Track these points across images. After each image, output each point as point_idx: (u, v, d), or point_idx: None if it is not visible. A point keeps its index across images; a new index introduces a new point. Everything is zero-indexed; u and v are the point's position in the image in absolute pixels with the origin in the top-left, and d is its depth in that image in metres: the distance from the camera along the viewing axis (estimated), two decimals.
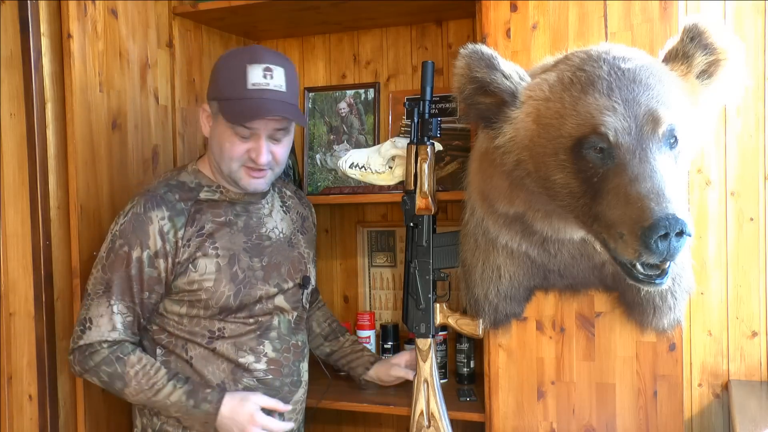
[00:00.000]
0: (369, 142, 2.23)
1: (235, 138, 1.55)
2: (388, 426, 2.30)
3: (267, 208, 1.71)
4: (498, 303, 1.68)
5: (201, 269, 1.56)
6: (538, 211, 1.49)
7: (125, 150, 1.91)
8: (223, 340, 1.59)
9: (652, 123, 1.25)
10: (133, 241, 1.53)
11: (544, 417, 1.70)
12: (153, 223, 1.53)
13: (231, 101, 1.53)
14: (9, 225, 1.76)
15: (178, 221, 1.55)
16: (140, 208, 1.55)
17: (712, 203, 1.87)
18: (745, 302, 1.86)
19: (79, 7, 1.76)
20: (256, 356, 1.62)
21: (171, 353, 1.60)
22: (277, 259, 1.68)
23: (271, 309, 1.65)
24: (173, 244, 1.54)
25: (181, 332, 1.59)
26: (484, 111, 1.42)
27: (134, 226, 1.54)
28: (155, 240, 1.53)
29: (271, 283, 1.65)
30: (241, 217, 1.65)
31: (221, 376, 1.59)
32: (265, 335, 1.64)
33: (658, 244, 1.16)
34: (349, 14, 2.13)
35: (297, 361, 1.70)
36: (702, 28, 1.36)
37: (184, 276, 1.56)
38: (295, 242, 1.76)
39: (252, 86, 1.52)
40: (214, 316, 1.59)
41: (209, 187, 1.63)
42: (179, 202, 1.57)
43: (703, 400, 1.90)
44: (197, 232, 1.57)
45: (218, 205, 1.62)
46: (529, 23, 1.66)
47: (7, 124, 1.75)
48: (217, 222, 1.60)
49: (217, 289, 1.57)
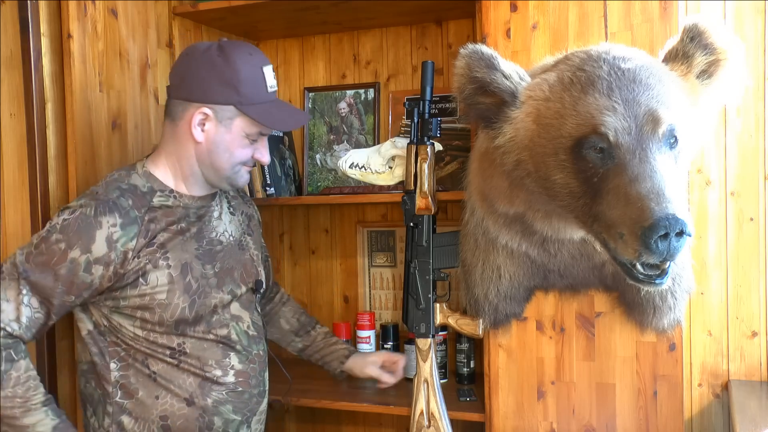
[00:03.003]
0: (369, 142, 2.23)
1: (247, 141, 1.55)
2: (388, 426, 2.30)
3: (217, 210, 1.66)
4: (498, 303, 1.68)
5: (152, 282, 1.48)
6: (538, 211, 1.49)
7: (125, 150, 1.91)
8: (186, 356, 1.54)
9: (652, 123, 1.25)
10: (74, 241, 1.43)
11: (544, 417, 1.70)
12: (102, 228, 1.44)
13: (256, 106, 1.51)
14: (9, 225, 1.76)
15: (130, 230, 1.46)
16: (91, 210, 1.45)
17: (712, 203, 1.87)
18: (745, 302, 1.86)
19: (79, 7, 1.76)
20: (223, 370, 1.57)
21: (130, 367, 1.52)
22: (229, 263, 1.63)
23: (228, 320, 1.60)
24: (120, 254, 1.45)
25: (140, 347, 1.52)
26: (484, 111, 1.42)
27: (79, 226, 1.43)
28: (100, 245, 1.43)
29: (225, 289, 1.60)
30: (194, 224, 1.58)
31: (189, 390, 1.54)
32: (229, 348, 1.59)
33: (658, 244, 1.16)
34: (349, 14, 2.13)
35: (262, 371, 1.67)
36: (702, 28, 1.36)
37: (133, 288, 1.48)
38: (245, 244, 1.71)
39: (271, 89, 1.55)
40: (171, 331, 1.52)
41: (162, 192, 1.55)
42: (132, 209, 1.48)
43: (703, 400, 1.90)
44: (149, 242, 1.49)
45: (172, 212, 1.55)
46: (529, 23, 1.66)
47: (7, 124, 1.75)
48: (171, 231, 1.53)
49: (171, 301, 1.50)
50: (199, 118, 1.51)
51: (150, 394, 1.52)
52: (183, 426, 1.54)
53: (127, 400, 1.52)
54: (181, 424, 1.54)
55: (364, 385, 1.99)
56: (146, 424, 1.52)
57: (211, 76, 1.50)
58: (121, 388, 1.52)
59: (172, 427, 1.53)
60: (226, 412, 1.58)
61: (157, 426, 1.53)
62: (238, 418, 1.60)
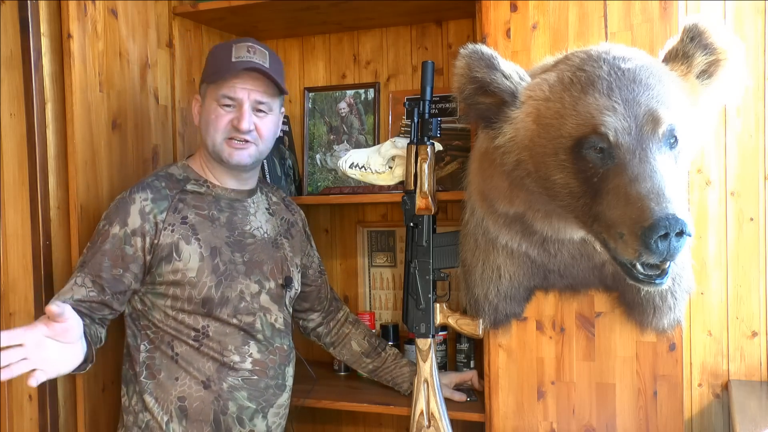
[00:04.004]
0: (369, 142, 2.23)
1: (220, 109, 1.63)
2: (388, 426, 2.30)
3: (253, 207, 1.74)
4: (498, 303, 1.68)
5: (185, 258, 1.59)
6: (538, 211, 1.49)
7: (125, 150, 1.91)
8: (208, 339, 1.61)
9: (652, 123, 1.25)
10: (114, 219, 1.58)
11: (544, 417, 1.70)
12: (135, 203, 1.59)
13: (216, 73, 1.63)
14: (9, 225, 1.76)
15: (161, 204, 1.60)
16: (126, 192, 1.62)
17: (712, 203, 1.87)
18: (745, 302, 1.86)
19: (79, 7, 1.76)
20: (242, 356, 1.63)
21: (157, 349, 1.62)
22: (260, 257, 1.70)
23: (256, 309, 1.66)
24: (153, 224, 1.58)
25: (167, 328, 1.61)
26: (484, 111, 1.42)
27: (117, 207, 1.60)
28: (135, 218, 1.57)
29: (253, 278, 1.67)
30: (224, 212, 1.68)
31: (207, 374, 1.61)
32: (250, 336, 1.65)
33: (658, 244, 1.16)
34: (349, 14, 2.13)
35: (282, 365, 1.71)
36: (702, 28, 1.36)
37: (168, 264, 1.58)
38: (280, 244, 1.77)
39: (237, 58, 1.63)
40: (198, 310, 1.60)
41: (196, 181, 1.68)
42: (164, 189, 1.63)
43: (703, 400, 1.90)
44: (180, 219, 1.61)
45: (202, 199, 1.67)
46: (529, 23, 1.66)
47: (7, 124, 1.75)
48: (200, 215, 1.64)
49: (200, 279, 1.59)
50: (195, 105, 1.72)
51: (170, 376, 1.61)
52: (199, 408, 1.60)
53: (151, 380, 1.62)
54: (197, 406, 1.60)
55: (364, 385, 1.99)
56: (165, 405, 1.60)
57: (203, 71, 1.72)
58: (147, 368, 1.62)
59: (188, 409, 1.60)
60: (241, 399, 1.63)
61: (175, 407, 1.60)
62: (252, 406, 1.64)
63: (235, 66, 1.61)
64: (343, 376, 2.16)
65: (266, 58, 1.66)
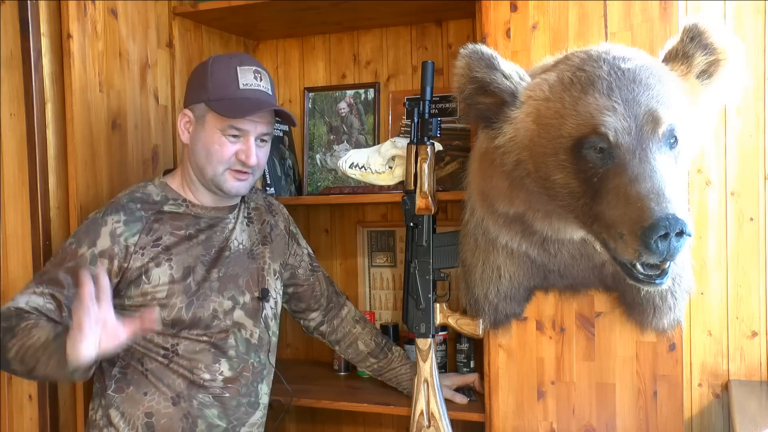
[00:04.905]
0: (369, 142, 2.23)
1: (225, 139, 1.57)
2: (388, 426, 2.30)
3: (232, 222, 1.69)
4: (498, 303, 1.68)
5: (154, 280, 1.55)
6: (538, 211, 1.49)
7: (125, 150, 1.91)
8: (178, 357, 1.57)
9: (652, 123, 1.25)
10: (83, 240, 1.54)
11: (544, 417, 1.70)
12: (107, 225, 1.54)
13: (224, 101, 1.56)
14: (9, 225, 1.76)
15: (133, 227, 1.55)
16: (99, 213, 1.58)
17: (712, 203, 1.87)
18: (745, 302, 1.86)
19: (79, 7, 1.76)
20: (212, 374, 1.59)
21: (128, 365, 1.58)
22: (234, 270, 1.65)
23: (229, 326, 1.62)
24: (123, 248, 1.53)
25: (137, 346, 1.57)
26: (484, 111, 1.42)
27: (88, 227, 1.56)
28: (104, 240, 1.53)
29: (226, 294, 1.62)
30: (204, 231, 1.63)
31: (176, 390, 1.57)
32: (221, 353, 1.61)
33: (658, 244, 1.16)
34: (349, 14, 2.13)
35: (255, 382, 1.67)
36: (702, 28, 1.36)
37: (137, 287, 1.54)
38: (257, 254, 1.72)
39: (244, 86, 1.58)
40: (167, 331, 1.56)
41: (175, 201, 1.63)
42: (139, 211, 1.58)
43: (703, 400, 1.90)
44: (153, 242, 1.56)
45: (180, 218, 1.62)
46: (529, 23, 1.66)
47: (7, 124, 1.75)
48: (177, 235, 1.59)
49: (169, 301, 1.55)
50: (183, 121, 1.63)
51: (139, 390, 1.57)
52: (167, 425, 1.56)
53: (119, 394, 1.58)
54: (165, 423, 1.56)
55: (364, 385, 1.99)
56: (132, 420, 1.56)
57: (192, 82, 1.65)
58: (116, 382, 1.58)
59: (155, 425, 1.56)
60: (211, 416, 1.59)
61: (142, 423, 1.56)
62: (222, 425, 1.60)
63: (247, 102, 1.56)
64: (343, 376, 2.16)
65: (269, 83, 1.63)
